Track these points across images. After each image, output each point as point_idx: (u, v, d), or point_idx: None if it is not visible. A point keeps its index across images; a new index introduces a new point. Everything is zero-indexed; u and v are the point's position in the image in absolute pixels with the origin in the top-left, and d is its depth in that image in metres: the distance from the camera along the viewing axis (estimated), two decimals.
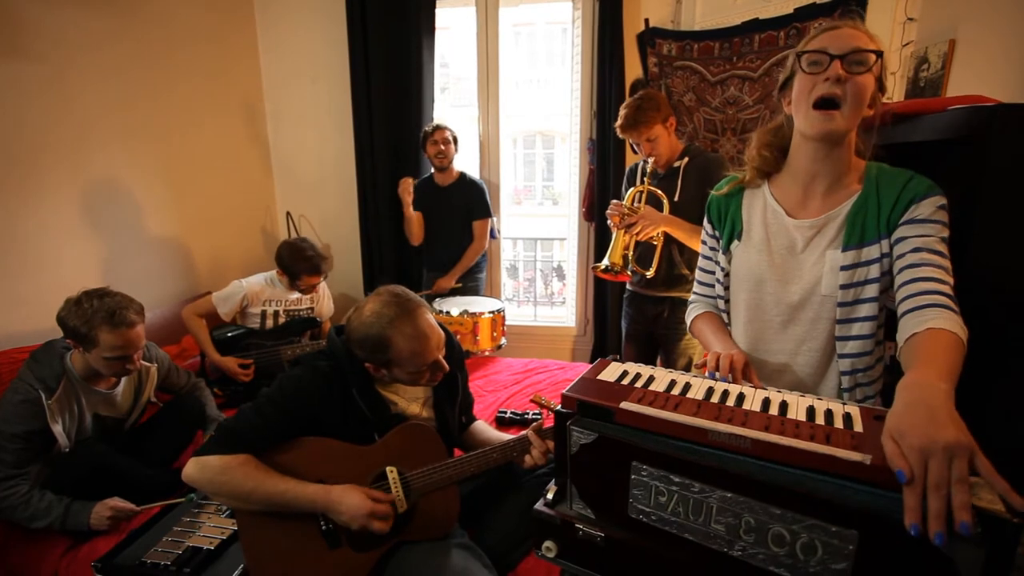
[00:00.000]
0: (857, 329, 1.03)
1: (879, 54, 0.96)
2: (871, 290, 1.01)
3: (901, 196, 0.99)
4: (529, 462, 1.36)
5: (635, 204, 2.06)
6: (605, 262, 2.05)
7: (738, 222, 1.17)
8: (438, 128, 2.92)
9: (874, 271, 1.01)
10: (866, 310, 1.02)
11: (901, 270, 0.97)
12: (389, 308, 1.30)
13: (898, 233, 0.99)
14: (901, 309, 0.93)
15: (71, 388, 1.64)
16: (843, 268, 1.02)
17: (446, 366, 1.39)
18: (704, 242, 1.28)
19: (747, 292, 1.15)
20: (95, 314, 1.57)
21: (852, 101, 0.96)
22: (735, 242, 1.17)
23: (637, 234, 1.99)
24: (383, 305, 1.31)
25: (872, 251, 1.01)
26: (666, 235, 2.04)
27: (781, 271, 1.10)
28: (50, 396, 1.57)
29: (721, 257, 1.21)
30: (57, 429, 1.57)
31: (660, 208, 2.04)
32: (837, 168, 1.05)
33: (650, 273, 2.09)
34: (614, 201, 2.07)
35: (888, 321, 1.06)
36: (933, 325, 0.85)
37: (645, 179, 2.08)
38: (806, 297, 1.07)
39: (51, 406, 1.56)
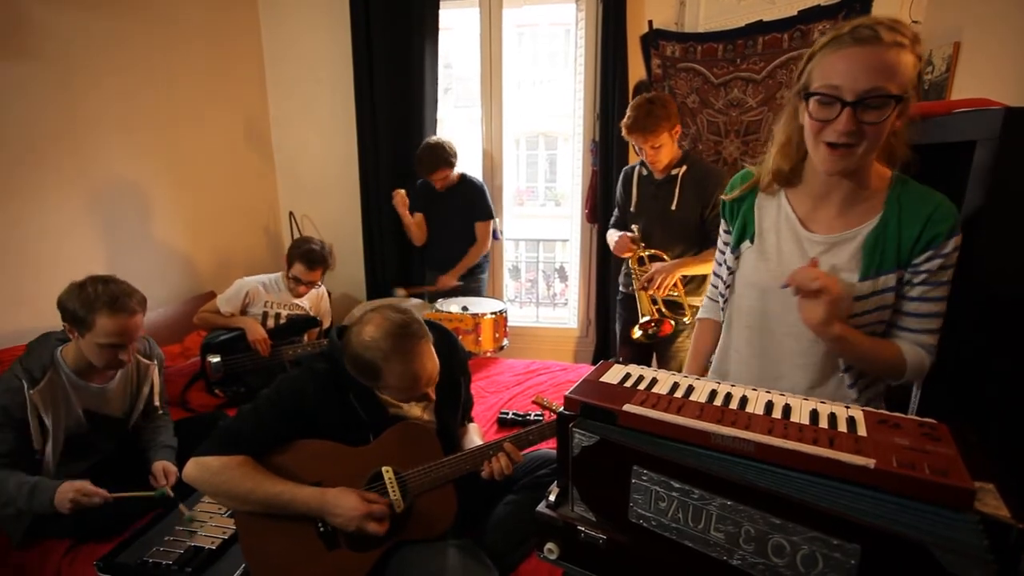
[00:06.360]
0: None
1: (899, 99, 0.86)
2: (877, 315, 1.01)
3: (923, 234, 0.96)
4: (487, 471, 1.36)
5: (641, 266, 2.12)
6: (639, 331, 2.13)
7: (750, 224, 1.14)
8: (439, 167, 2.80)
9: (887, 299, 1.00)
10: (870, 329, 1.02)
11: (911, 300, 1.00)
12: (387, 340, 1.26)
13: (913, 264, 0.98)
14: (892, 334, 1.04)
15: (58, 381, 1.58)
16: (857, 299, 1.00)
17: (432, 398, 1.39)
18: (721, 239, 1.26)
19: (753, 298, 1.13)
20: (97, 299, 1.52)
21: (870, 141, 0.90)
22: (746, 243, 1.15)
23: (658, 290, 2.05)
24: (383, 335, 1.27)
25: (889, 280, 0.99)
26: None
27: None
28: (33, 386, 1.52)
29: (729, 255, 1.19)
30: (34, 425, 1.51)
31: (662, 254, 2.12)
32: (854, 182, 1.00)
33: (687, 318, 2.13)
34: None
35: None
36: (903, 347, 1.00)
37: (640, 244, 2.12)
38: None
39: (32, 397, 1.51)
